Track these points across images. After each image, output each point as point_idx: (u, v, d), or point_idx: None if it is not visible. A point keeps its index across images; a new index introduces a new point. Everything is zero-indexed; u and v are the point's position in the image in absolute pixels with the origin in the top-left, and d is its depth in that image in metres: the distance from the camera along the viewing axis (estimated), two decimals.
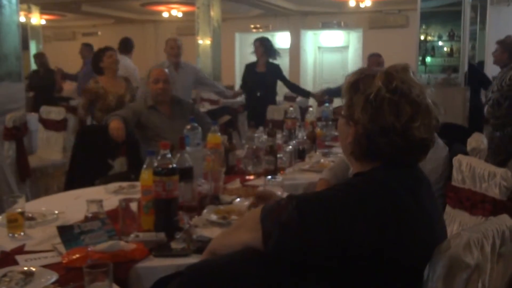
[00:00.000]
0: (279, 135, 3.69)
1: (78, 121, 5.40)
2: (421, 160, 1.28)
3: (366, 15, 11.61)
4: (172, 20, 12.92)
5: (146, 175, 1.85)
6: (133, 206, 1.78)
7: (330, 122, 4.21)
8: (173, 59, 4.94)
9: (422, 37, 6.88)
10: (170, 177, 1.77)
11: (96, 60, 4.59)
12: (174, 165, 1.81)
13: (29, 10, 11.06)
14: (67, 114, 5.37)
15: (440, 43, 6.86)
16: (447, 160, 2.33)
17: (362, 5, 10.37)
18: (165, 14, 12.55)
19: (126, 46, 6.39)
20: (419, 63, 6.88)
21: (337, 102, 6.13)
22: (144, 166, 1.87)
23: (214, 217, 1.95)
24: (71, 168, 3.62)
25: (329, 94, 5.57)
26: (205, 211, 2.01)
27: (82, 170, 3.36)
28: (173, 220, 1.77)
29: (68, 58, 11.05)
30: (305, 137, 3.53)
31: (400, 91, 1.21)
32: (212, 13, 9.61)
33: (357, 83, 1.27)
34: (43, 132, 4.75)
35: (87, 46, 8.15)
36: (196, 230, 1.79)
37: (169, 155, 1.81)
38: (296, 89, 6.13)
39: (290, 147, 3.13)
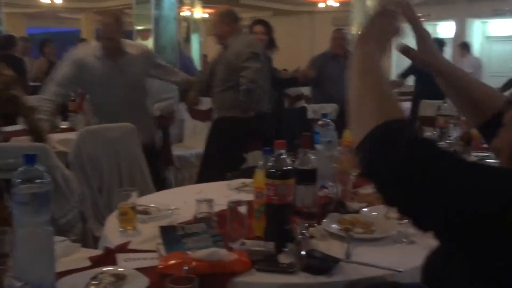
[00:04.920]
0: (428, 133, 3.29)
1: None
2: None
3: None
4: (328, 10, 12.71)
5: (259, 176, 1.67)
6: (243, 209, 1.62)
7: None
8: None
9: None
10: (284, 181, 1.57)
11: None
12: (289, 167, 1.60)
13: (192, 5, 11.65)
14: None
15: None
16: None
17: None
18: (321, 5, 12.39)
19: None
20: None
21: None
22: (258, 166, 1.69)
23: (335, 227, 1.71)
24: (204, 158, 3.61)
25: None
26: (325, 220, 1.77)
27: (216, 162, 3.32)
28: (284, 229, 1.57)
29: None
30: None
31: None
32: (368, 2, 9.20)
33: None
34: (190, 121, 4.87)
35: None
36: (311, 242, 1.57)
37: (284, 156, 1.61)
38: None
39: None
